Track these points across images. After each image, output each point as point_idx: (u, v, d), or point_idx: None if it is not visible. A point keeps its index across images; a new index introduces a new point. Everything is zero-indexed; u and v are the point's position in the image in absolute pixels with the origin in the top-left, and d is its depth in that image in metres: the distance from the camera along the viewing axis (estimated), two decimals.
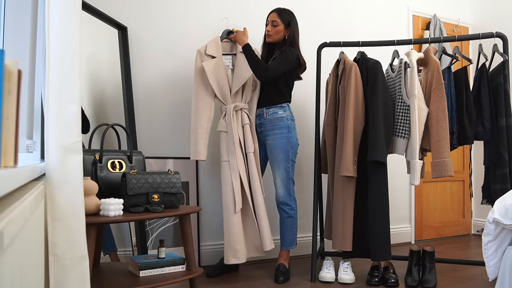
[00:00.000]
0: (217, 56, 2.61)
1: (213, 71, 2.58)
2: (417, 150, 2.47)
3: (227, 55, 2.67)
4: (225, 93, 2.60)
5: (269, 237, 2.55)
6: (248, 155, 2.57)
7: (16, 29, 1.54)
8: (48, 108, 1.25)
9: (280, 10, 2.69)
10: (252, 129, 2.63)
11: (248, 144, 2.57)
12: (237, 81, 2.59)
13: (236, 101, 2.61)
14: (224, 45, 2.68)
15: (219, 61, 2.61)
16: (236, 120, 2.58)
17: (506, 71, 2.54)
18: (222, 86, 2.59)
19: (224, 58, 2.65)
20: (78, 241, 1.26)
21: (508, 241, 2.00)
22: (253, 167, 2.56)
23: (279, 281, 2.53)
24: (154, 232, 2.69)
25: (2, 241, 0.62)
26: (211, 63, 2.59)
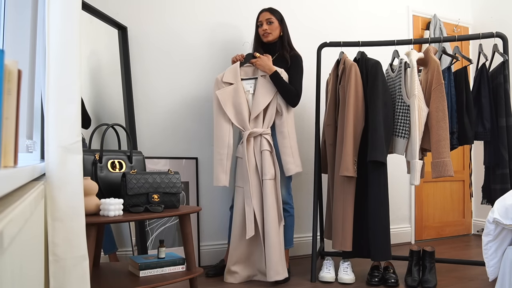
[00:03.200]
0: (234, 82, 2.57)
1: (229, 98, 2.55)
2: (417, 150, 2.47)
3: (249, 79, 2.61)
4: (243, 119, 2.54)
5: (276, 268, 2.41)
6: (264, 182, 2.48)
7: (16, 29, 1.54)
8: (48, 108, 1.25)
9: (271, 8, 2.73)
10: (273, 155, 2.53)
11: (265, 170, 2.49)
12: (256, 107, 2.53)
13: (256, 126, 2.54)
14: (246, 69, 2.62)
15: (237, 87, 2.56)
16: (254, 146, 2.53)
17: (506, 71, 2.54)
18: (240, 112, 2.53)
19: (245, 83, 2.59)
20: (78, 241, 1.26)
21: (508, 241, 2.00)
22: (268, 195, 2.46)
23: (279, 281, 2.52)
24: (154, 232, 2.69)
25: (2, 241, 0.62)
26: (227, 90, 2.56)
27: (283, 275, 2.44)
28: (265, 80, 2.55)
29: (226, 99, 2.56)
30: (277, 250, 2.43)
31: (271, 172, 2.50)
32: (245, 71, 2.62)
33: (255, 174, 2.52)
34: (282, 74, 2.57)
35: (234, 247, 2.51)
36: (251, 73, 2.62)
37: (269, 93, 2.54)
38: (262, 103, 2.53)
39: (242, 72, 2.61)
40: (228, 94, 2.56)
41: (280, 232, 2.49)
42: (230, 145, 2.57)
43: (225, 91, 2.56)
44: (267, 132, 2.55)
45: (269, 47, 2.72)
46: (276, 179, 2.51)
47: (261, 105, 2.53)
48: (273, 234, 2.43)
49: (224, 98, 2.55)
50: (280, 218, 2.50)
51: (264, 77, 2.56)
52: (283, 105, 2.57)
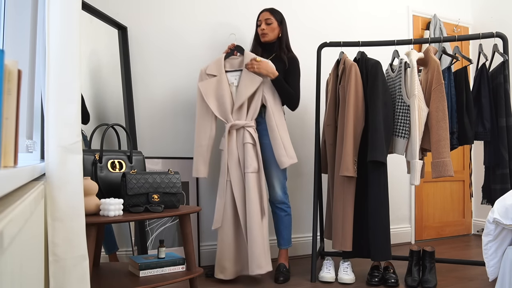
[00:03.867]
0: (218, 74, 2.55)
1: (212, 90, 2.54)
2: (417, 150, 2.47)
3: (234, 71, 2.58)
4: (225, 111, 2.52)
5: (258, 262, 2.39)
6: (246, 175, 2.46)
7: (16, 29, 1.54)
8: (48, 108, 1.25)
9: (272, 8, 2.72)
10: (256, 148, 2.51)
11: (247, 163, 2.47)
12: (240, 97, 2.51)
13: (240, 118, 2.52)
14: (231, 61, 2.60)
15: (220, 79, 2.54)
16: (236, 139, 2.51)
17: (506, 71, 2.54)
18: (223, 104, 2.52)
19: (230, 75, 2.57)
20: (78, 241, 1.26)
21: (508, 241, 2.00)
22: (251, 188, 2.44)
23: (279, 281, 2.53)
24: (154, 232, 2.69)
25: (2, 241, 0.62)
26: (210, 82, 2.55)
27: (266, 268, 2.42)
28: (251, 74, 2.52)
29: (208, 91, 2.54)
30: (259, 243, 2.41)
31: (254, 165, 2.48)
32: (231, 63, 2.60)
33: (237, 167, 2.50)
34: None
35: (220, 240, 2.51)
36: (237, 65, 2.59)
37: (254, 84, 2.51)
38: (245, 93, 2.50)
39: (227, 64, 2.60)
40: (210, 85, 2.55)
41: (264, 226, 2.48)
42: (211, 136, 2.57)
43: (208, 82, 2.55)
44: (250, 124, 2.52)
45: (267, 47, 2.71)
46: (259, 173, 2.49)
47: (244, 95, 2.50)
48: (255, 228, 2.41)
49: (206, 90, 2.54)
50: (263, 212, 2.48)
51: None
52: (269, 97, 2.53)
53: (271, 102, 2.54)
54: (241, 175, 2.50)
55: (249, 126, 2.52)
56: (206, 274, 2.63)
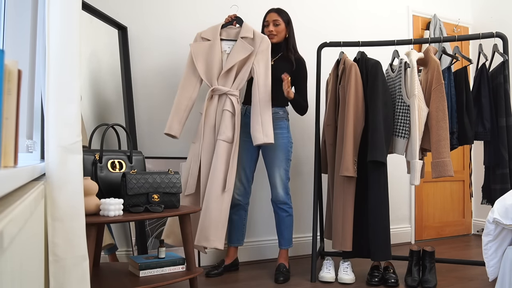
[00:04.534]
0: (211, 39, 2.55)
1: (203, 53, 2.53)
2: (417, 150, 2.47)
3: (229, 40, 2.58)
4: (212, 75, 2.50)
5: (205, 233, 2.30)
6: (218, 142, 2.40)
7: (16, 29, 1.54)
8: (48, 108, 1.25)
9: (279, 9, 2.72)
10: (236, 118, 2.44)
11: (221, 130, 2.41)
12: (229, 62, 2.49)
13: (225, 85, 2.48)
14: (228, 31, 2.60)
15: (213, 44, 2.54)
16: (218, 105, 2.47)
17: (506, 71, 2.54)
18: (211, 69, 2.50)
19: (224, 43, 2.56)
20: (78, 241, 1.26)
21: (508, 241, 2.00)
22: (219, 157, 2.36)
23: (279, 281, 2.53)
24: (154, 232, 2.69)
25: (2, 241, 0.62)
26: (202, 45, 2.55)
27: (213, 244, 2.33)
28: (243, 42, 2.52)
29: (198, 53, 2.53)
30: (213, 216, 2.32)
31: (227, 134, 2.42)
32: (227, 32, 2.60)
33: (211, 133, 2.46)
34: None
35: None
36: (233, 35, 2.59)
37: (244, 52, 2.49)
38: (236, 58, 2.48)
39: (224, 32, 2.60)
40: (202, 48, 2.54)
41: (223, 200, 2.37)
42: (192, 98, 2.53)
43: (200, 45, 2.55)
44: (233, 93, 2.48)
45: (273, 47, 2.70)
46: (232, 144, 2.42)
47: (234, 60, 2.48)
48: (213, 199, 2.33)
49: (197, 52, 2.53)
50: (226, 186, 2.38)
51: (245, 40, 2.53)
52: (260, 71, 2.50)
53: (260, 75, 2.49)
54: (213, 141, 2.45)
55: (232, 94, 2.48)
56: (206, 274, 2.63)
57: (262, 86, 2.49)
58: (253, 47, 2.51)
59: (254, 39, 2.54)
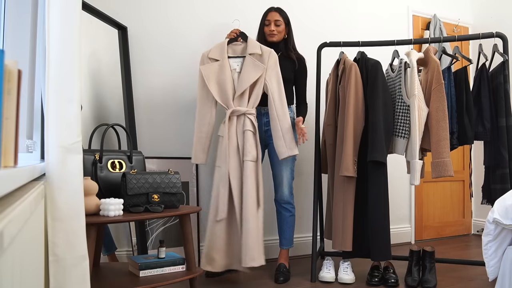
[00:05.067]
0: (220, 59, 2.51)
1: (214, 75, 2.50)
2: (417, 150, 2.47)
3: (236, 57, 2.56)
4: (227, 97, 2.48)
5: (251, 254, 2.32)
6: (245, 163, 2.41)
7: (16, 29, 1.54)
8: (48, 108, 1.25)
9: (280, 8, 2.73)
10: (256, 137, 2.47)
11: (246, 151, 2.42)
12: (242, 84, 2.47)
13: (241, 105, 2.47)
14: (234, 47, 2.57)
15: (222, 64, 2.50)
16: (237, 126, 2.47)
17: (506, 71, 2.54)
18: (224, 90, 2.47)
19: (232, 61, 2.54)
20: (78, 241, 1.26)
21: (508, 241, 2.00)
22: (248, 177, 2.38)
23: (279, 281, 2.53)
24: (154, 232, 2.69)
25: (2, 241, 0.62)
26: (212, 66, 2.51)
27: (259, 261, 2.35)
28: (253, 59, 2.49)
29: (210, 75, 2.51)
30: (254, 235, 2.34)
31: (253, 153, 2.43)
32: (233, 49, 2.57)
33: (235, 155, 2.45)
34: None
35: (211, 231, 2.43)
36: (240, 52, 2.57)
37: (257, 71, 2.47)
38: (248, 80, 2.46)
39: (230, 50, 2.56)
40: (212, 70, 2.51)
41: (259, 217, 2.40)
42: (211, 123, 2.53)
43: (210, 67, 2.52)
44: (251, 112, 2.48)
45: (272, 46, 2.69)
46: (257, 162, 2.44)
47: (247, 82, 2.46)
48: (250, 219, 2.35)
49: (208, 74, 2.50)
50: (259, 203, 2.41)
51: (253, 56, 2.50)
52: (272, 87, 2.49)
53: (274, 91, 2.50)
54: (240, 163, 2.45)
55: (250, 113, 2.48)
56: (206, 274, 2.63)
57: (277, 101, 2.49)
58: (262, 63, 2.50)
59: (262, 55, 2.52)
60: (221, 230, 2.41)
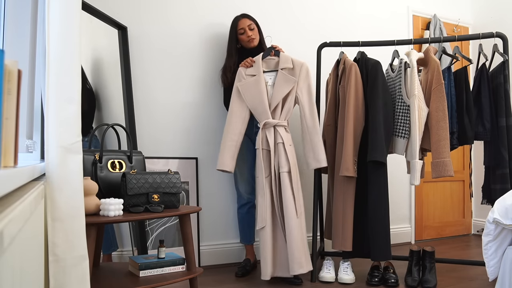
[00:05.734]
0: (256, 74, 2.60)
1: (250, 88, 2.58)
2: (417, 150, 2.47)
3: (270, 72, 2.63)
4: (262, 111, 2.55)
5: (299, 261, 2.40)
6: (282, 175, 2.47)
7: (16, 29, 1.54)
8: (48, 108, 1.25)
9: (246, 14, 2.83)
10: (287, 147, 2.51)
11: (282, 163, 2.48)
12: (275, 99, 2.54)
13: (274, 117, 2.55)
14: (268, 61, 2.64)
15: (258, 78, 2.58)
16: (269, 137, 2.52)
17: (506, 71, 2.54)
18: (260, 103, 2.54)
19: (266, 75, 2.62)
20: (78, 241, 1.26)
21: (508, 241, 2.00)
22: (286, 188, 2.45)
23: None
24: (154, 232, 2.69)
25: (2, 241, 0.62)
26: (247, 81, 2.60)
27: (307, 268, 2.43)
28: (285, 74, 2.57)
29: (246, 89, 2.59)
30: (298, 242, 2.42)
31: (287, 165, 2.49)
32: (267, 64, 2.65)
33: (271, 166, 2.51)
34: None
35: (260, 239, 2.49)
36: (273, 66, 2.64)
37: (288, 85, 2.55)
38: (280, 94, 2.54)
39: (264, 64, 2.64)
40: (249, 84, 2.59)
41: (301, 225, 2.47)
42: (242, 133, 2.60)
43: (246, 82, 2.60)
44: (282, 124, 2.54)
45: (250, 53, 2.77)
46: (292, 173, 2.49)
47: (280, 96, 2.54)
48: (293, 227, 2.42)
49: (244, 88, 2.59)
50: (299, 211, 2.48)
51: (285, 71, 2.58)
52: (304, 99, 2.57)
53: (305, 103, 2.57)
54: (275, 174, 2.51)
55: (280, 125, 2.54)
56: (235, 274, 2.68)
57: (308, 115, 2.56)
58: (294, 76, 2.57)
59: (293, 68, 2.59)
60: (267, 239, 2.47)
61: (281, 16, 3.25)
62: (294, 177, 2.49)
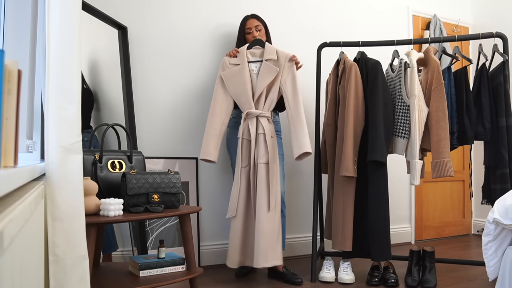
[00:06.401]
0: (240, 63, 2.59)
1: (233, 77, 2.57)
2: (417, 150, 2.47)
3: (255, 61, 2.62)
4: (245, 100, 2.54)
5: (264, 254, 2.36)
6: (258, 165, 2.45)
7: (16, 29, 1.54)
8: (48, 108, 1.25)
9: (255, 14, 2.82)
10: (268, 139, 2.49)
11: (260, 154, 2.47)
12: (258, 88, 2.53)
13: (258, 107, 2.54)
14: (253, 51, 2.63)
15: (242, 67, 2.57)
16: (250, 127, 2.51)
17: (506, 71, 2.54)
18: (243, 92, 2.53)
19: (253, 64, 2.61)
20: (78, 241, 1.26)
21: (508, 241, 2.00)
22: (261, 179, 2.43)
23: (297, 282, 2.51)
24: (154, 232, 2.69)
25: (2, 241, 0.62)
26: (231, 70, 2.59)
27: (273, 262, 2.39)
28: (268, 64, 2.56)
29: (230, 78, 2.58)
30: (266, 235, 2.37)
31: (266, 156, 2.48)
32: (252, 53, 2.64)
33: (250, 156, 2.50)
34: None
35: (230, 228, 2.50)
36: (258, 55, 2.63)
37: (271, 74, 2.53)
38: (262, 83, 2.53)
39: (249, 54, 2.63)
40: (233, 73, 2.58)
41: (273, 219, 2.42)
42: (225, 123, 2.59)
43: (230, 71, 2.59)
44: (264, 114, 2.52)
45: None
46: (270, 164, 2.46)
47: (263, 84, 2.52)
48: (262, 220, 2.38)
49: (228, 77, 2.58)
50: (271, 205, 2.42)
51: (269, 62, 2.57)
52: (287, 90, 2.55)
53: (288, 93, 2.54)
54: (254, 164, 2.50)
55: (263, 116, 2.52)
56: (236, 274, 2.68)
57: (292, 104, 2.53)
58: (277, 67, 2.55)
59: (278, 59, 2.57)
60: (237, 228, 2.47)
61: (282, 16, 3.25)
62: (273, 169, 2.46)
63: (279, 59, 2.57)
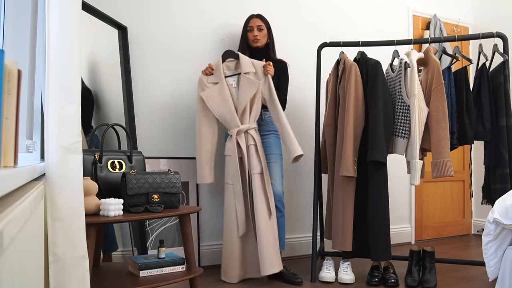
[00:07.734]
0: (218, 81, 2.58)
1: (214, 97, 2.56)
2: (417, 150, 2.47)
3: (232, 75, 2.61)
4: (230, 119, 2.54)
5: (270, 261, 2.40)
6: (252, 176, 2.49)
7: (16, 29, 1.54)
8: (48, 108, 1.25)
9: (260, 15, 2.81)
10: (259, 149, 2.53)
11: (253, 165, 2.50)
12: (241, 103, 2.53)
13: (244, 122, 2.54)
14: (228, 64, 2.62)
15: (221, 86, 2.57)
16: (241, 142, 2.52)
17: (506, 71, 2.54)
18: (227, 111, 2.53)
19: (230, 78, 2.61)
20: (78, 241, 1.26)
21: (508, 241, 2.00)
22: (257, 189, 2.47)
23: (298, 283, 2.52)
24: (154, 232, 2.69)
25: (2, 241, 0.62)
26: (211, 90, 2.58)
27: (278, 267, 2.44)
28: (248, 77, 2.55)
29: (211, 98, 2.57)
30: (269, 243, 2.42)
31: (259, 166, 2.51)
32: (228, 66, 2.63)
33: (244, 170, 2.52)
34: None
35: (229, 247, 2.51)
36: (234, 68, 2.63)
37: (252, 88, 2.53)
38: (245, 98, 2.53)
39: (225, 67, 2.62)
40: (213, 93, 2.58)
41: (273, 225, 2.48)
42: (214, 142, 2.62)
43: (210, 91, 2.58)
44: (252, 126, 2.55)
45: (255, 52, 2.77)
46: (263, 174, 2.51)
47: (246, 98, 2.52)
48: (264, 228, 2.43)
49: (208, 97, 2.57)
50: (271, 212, 2.48)
51: (248, 75, 2.56)
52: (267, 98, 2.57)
53: (268, 102, 2.58)
54: (248, 177, 2.52)
55: (251, 128, 2.55)
56: None
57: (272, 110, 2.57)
58: (257, 79, 2.56)
59: (256, 71, 2.58)
60: (234, 242, 2.50)
61: (282, 16, 3.25)
62: (266, 177, 2.52)
63: (257, 71, 2.59)
